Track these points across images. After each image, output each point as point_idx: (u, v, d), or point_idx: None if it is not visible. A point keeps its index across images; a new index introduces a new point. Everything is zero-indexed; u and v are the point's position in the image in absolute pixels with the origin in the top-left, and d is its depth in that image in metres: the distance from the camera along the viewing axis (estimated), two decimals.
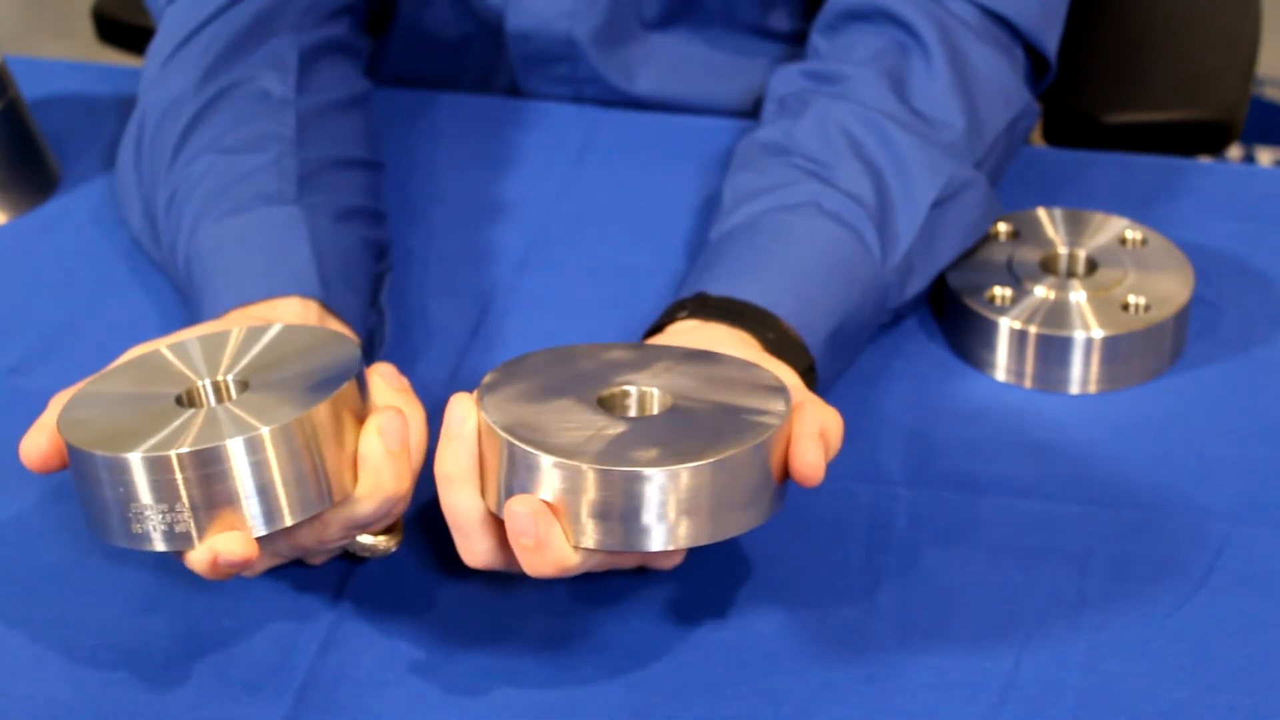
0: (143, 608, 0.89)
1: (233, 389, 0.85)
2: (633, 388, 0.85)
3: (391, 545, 0.88)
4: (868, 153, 1.01)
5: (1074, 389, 1.01)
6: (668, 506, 0.78)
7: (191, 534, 0.80)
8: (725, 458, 0.79)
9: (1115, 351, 1.00)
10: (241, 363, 0.86)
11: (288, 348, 0.87)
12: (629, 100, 1.25)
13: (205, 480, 0.79)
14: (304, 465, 0.81)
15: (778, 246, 0.98)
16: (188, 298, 1.01)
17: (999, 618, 0.87)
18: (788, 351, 0.92)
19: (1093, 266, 1.04)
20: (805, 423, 0.82)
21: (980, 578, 0.89)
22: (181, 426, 0.81)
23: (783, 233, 0.98)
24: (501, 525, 0.81)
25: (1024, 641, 0.86)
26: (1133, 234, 1.06)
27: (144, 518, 0.80)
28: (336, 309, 0.97)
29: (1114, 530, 0.92)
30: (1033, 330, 1.00)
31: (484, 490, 0.82)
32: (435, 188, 1.18)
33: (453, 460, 0.82)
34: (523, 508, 0.79)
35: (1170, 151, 1.31)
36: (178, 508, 0.79)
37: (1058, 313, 1.01)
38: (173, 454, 0.79)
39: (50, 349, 1.06)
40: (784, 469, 0.82)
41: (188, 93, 1.07)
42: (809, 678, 0.85)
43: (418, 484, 0.86)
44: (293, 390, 0.83)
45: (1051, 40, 1.10)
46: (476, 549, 0.83)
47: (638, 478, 0.78)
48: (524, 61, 1.24)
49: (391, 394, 0.87)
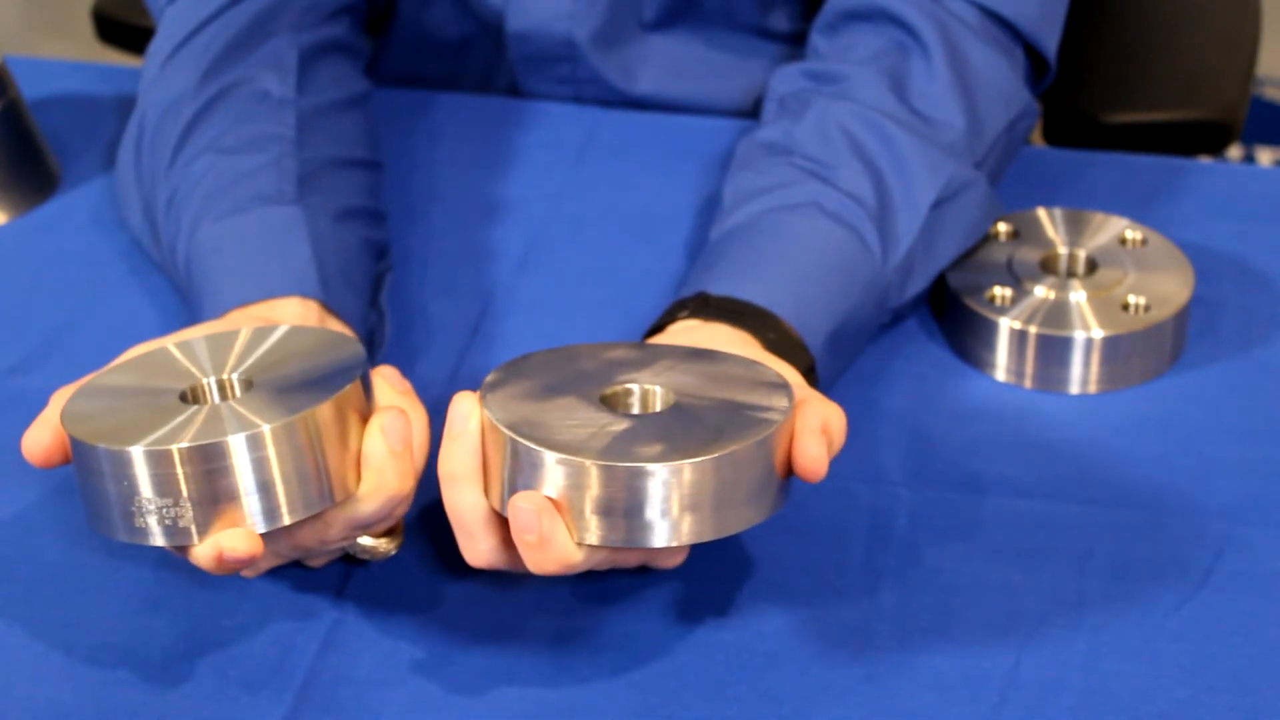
0: (143, 607, 0.89)
1: (237, 387, 0.85)
2: (635, 385, 0.85)
3: (392, 548, 0.88)
4: (868, 153, 1.01)
5: (1074, 389, 1.01)
6: (671, 502, 0.78)
7: (192, 530, 0.80)
8: (728, 453, 0.79)
9: (1115, 351, 1.00)
10: (247, 362, 0.86)
11: (293, 348, 0.87)
12: (629, 100, 1.25)
13: (207, 476, 0.79)
14: (306, 464, 0.81)
15: (778, 246, 0.98)
16: (187, 298, 1.01)
17: (999, 618, 0.87)
18: (788, 351, 0.92)
19: (1093, 266, 1.04)
20: (808, 418, 0.82)
21: (980, 578, 0.89)
22: (185, 422, 0.81)
23: (783, 233, 0.98)
24: (505, 524, 0.81)
25: (1024, 641, 0.86)
26: (1133, 234, 1.06)
27: (145, 512, 0.80)
28: (337, 309, 0.97)
29: (1114, 530, 0.92)
30: (1033, 330, 1.00)
31: (487, 489, 0.82)
32: (435, 188, 1.18)
33: (456, 459, 0.82)
34: (527, 503, 0.79)
35: (1170, 151, 1.31)
36: (179, 503, 0.80)
37: (1058, 313, 1.01)
38: (174, 448, 0.79)
39: (50, 349, 1.06)
40: (787, 465, 0.82)
41: (188, 93, 1.07)
42: (809, 678, 0.85)
43: (418, 485, 0.86)
44: (297, 390, 0.83)
45: (1051, 40, 1.10)
46: (480, 548, 0.82)
47: (641, 473, 0.78)
48: (524, 62, 1.24)
49: (395, 396, 0.87)
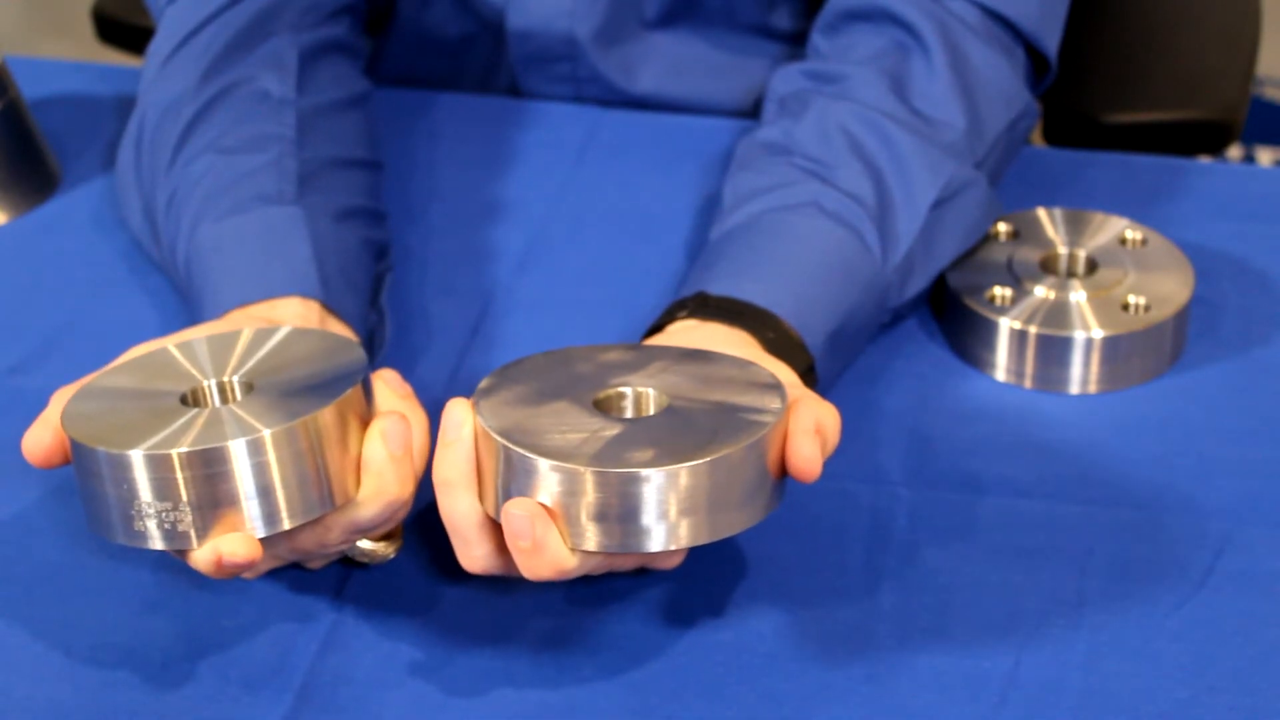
0: (143, 608, 0.89)
1: (238, 390, 0.85)
2: (628, 389, 0.85)
3: (391, 552, 0.88)
4: (868, 153, 1.01)
5: (1074, 389, 1.01)
6: (665, 507, 0.78)
7: (191, 534, 0.80)
8: (721, 456, 0.78)
9: (1115, 351, 1.00)
10: (248, 364, 0.86)
11: (294, 351, 0.87)
12: (629, 100, 1.25)
13: (207, 480, 0.79)
14: (306, 468, 0.81)
15: (778, 246, 0.97)
16: (187, 298, 1.01)
17: (999, 618, 0.87)
18: (788, 351, 0.92)
19: (1093, 266, 1.04)
20: (801, 419, 0.82)
21: (980, 578, 0.89)
22: (185, 425, 0.81)
23: (783, 232, 0.98)
24: (500, 530, 0.81)
25: (1024, 641, 0.86)
26: (1133, 234, 1.06)
27: (144, 516, 0.80)
28: (337, 309, 0.97)
29: (1114, 530, 0.92)
30: (1033, 330, 1.00)
31: (482, 495, 0.82)
32: (435, 188, 1.17)
33: (450, 465, 0.82)
34: (520, 510, 0.78)
35: (1170, 151, 1.31)
36: (179, 507, 0.79)
37: (1058, 313, 1.01)
38: (174, 453, 0.79)
39: (50, 349, 1.06)
40: (781, 466, 0.82)
41: (187, 93, 1.07)
42: (809, 678, 0.85)
43: (418, 489, 0.86)
44: (297, 393, 0.83)
45: (1052, 40, 1.10)
46: (475, 554, 0.82)
47: (634, 479, 0.78)
48: (524, 61, 1.24)
49: (395, 400, 0.87)
